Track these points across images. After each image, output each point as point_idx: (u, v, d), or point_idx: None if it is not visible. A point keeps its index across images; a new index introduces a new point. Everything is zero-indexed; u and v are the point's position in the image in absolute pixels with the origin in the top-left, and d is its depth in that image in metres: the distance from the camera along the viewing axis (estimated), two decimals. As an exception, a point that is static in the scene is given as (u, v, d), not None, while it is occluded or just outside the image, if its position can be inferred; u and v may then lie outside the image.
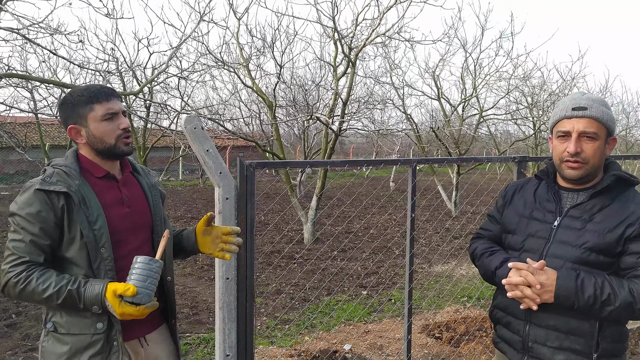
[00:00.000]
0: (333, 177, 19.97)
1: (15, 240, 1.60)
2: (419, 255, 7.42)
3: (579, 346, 1.65)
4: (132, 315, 1.56)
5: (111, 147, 1.74)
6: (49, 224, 1.60)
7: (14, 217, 1.62)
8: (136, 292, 1.55)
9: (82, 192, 1.66)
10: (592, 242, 1.63)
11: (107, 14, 4.26)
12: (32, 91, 9.41)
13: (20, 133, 17.96)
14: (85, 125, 1.72)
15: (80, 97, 1.72)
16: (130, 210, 1.78)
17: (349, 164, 2.61)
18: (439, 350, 4.07)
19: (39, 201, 1.60)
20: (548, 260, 1.68)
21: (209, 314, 4.96)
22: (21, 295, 1.58)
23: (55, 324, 1.65)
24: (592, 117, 1.65)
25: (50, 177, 1.64)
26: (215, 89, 18.85)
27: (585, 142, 1.66)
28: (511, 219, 1.85)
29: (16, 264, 1.58)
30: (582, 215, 1.69)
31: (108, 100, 1.73)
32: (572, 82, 11.69)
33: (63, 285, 1.57)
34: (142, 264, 1.59)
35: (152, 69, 6.77)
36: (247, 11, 8.78)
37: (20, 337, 4.34)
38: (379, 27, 7.58)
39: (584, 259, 1.64)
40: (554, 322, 1.68)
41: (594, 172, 1.70)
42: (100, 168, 1.76)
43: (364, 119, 11.86)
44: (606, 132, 1.68)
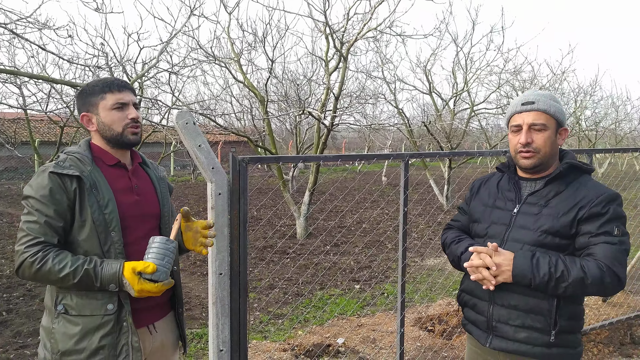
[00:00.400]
0: (325, 171, 19.98)
1: (29, 222, 1.64)
2: (411, 249, 7.45)
3: (539, 324, 1.76)
4: (150, 292, 1.63)
5: (118, 135, 1.81)
6: (62, 206, 1.66)
7: (27, 200, 1.67)
8: (156, 269, 1.62)
9: (93, 177, 1.73)
10: (547, 225, 1.76)
11: (97, 9, 4.22)
12: (21, 87, 9.30)
13: (9, 129, 17.76)
14: (96, 113, 1.81)
15: (95, 87, 1.81)
16: (139, 198, 1.85)
17: (342, 159, 2.61)
18: (431, 343, 4.10)
19: (52, 183, 1.66)
20: (509, 245, 1.81)
21: (201, 309, 4.96)
22: (37, 275, 1.62)
23: (66, 306, 1.69)
24: (539, 110, 1.79)
25: (64, 162, 1.72)
26: (207, 84, 18.83)
27: (535, 133, 1.80)
28: (477, 208, 2.00)
29: (31, 244, 1.62)
30: (538, 201, 1.82)
31: (120, 91, 1.81)
32: (562, 76, 11.76)
33: (79, 264, 1.62)
34: (159, 244, 1.66)
35: (143, 64, 6.71)
36: (238, 5, 8.74)
37: (11, 335, 4.31)
38: (370, 22, 7.58)
39: (541, 241, 1.75)
40: (515, 302, 1.79)
41: (547, 161, 1.82)
42: (112, 156, 1.84)
43: (356, 113, 11.87)
44: (555, 123, 1.80)
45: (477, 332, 1.93)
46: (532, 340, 1.78)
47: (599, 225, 1.70)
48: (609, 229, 1.70)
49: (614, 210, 1.72)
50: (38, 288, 5.56)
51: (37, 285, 5.64)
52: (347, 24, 7.67)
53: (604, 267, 1.64)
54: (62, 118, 11.16)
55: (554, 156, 1.84)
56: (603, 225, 1.70)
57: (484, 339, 1.89)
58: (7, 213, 10.93)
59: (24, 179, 18.31)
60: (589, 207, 1.72)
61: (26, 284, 5.68)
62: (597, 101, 13.72)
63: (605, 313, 4.66)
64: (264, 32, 8.24)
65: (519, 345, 1.79)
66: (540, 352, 1.77)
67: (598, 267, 1.64)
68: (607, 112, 14.67)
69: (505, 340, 1.83)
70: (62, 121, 11.03)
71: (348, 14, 7.58)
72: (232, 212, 2.19)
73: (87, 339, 1.68)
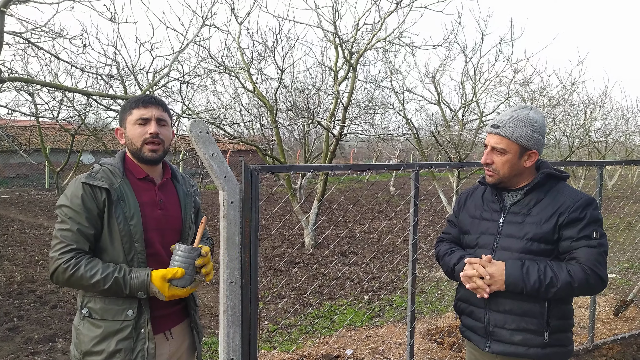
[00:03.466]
0: (333, 181, 19.98)
1: (63, 230, 1.73)
2: (420, 260, 7.41)
3: (533, 326, 1.87)
4: (179, 296, 1.75)
5: (138, 151, 1.87)
6: (93, 215, 1.76)
7: (61, 209, 1.76)
8: (184, 273, 1.71)
9: (122, 190, 1.81)
10: (532, 232, 1.87)
11: (111, 19, 4.28)
12: (34, 95, 9.42)
13: (22, 137, 17.96)
14: (124, 127, 1.90)
15: (128, 103, 1.91)
16: (162, 212, 1.91)
17: (353, 168, 2.62)
18: (440, 355, 4.06)
19: (84, 193, 1.76)
20: (498, 253, 1.92)
21: (210, 318, 4.96)
22: (69, 280, 1.71)
23: (90, 310, 1.78)
24: (501, 135, 1.92)
25: (97, 173, 1.81)
26: (216, 93, 18.95)
27: (496, 155, 1.94)
28: (465, 220, 2.11)
29: (65, 251, 1.71)
30: (521, 211, 1.94)
31: (145, 106, 1.88)
32: (572, 87, 11.72)
33: (110, 272, 1.70)
34: (184, 252, 1.74)
35: (154, 73, 6.78)
36: (248, 16, 8.82)
37: (22, 341, 4.33)
38: (379, 32, 7.61)
39: (528, 248, 1.87)
40: (509, 307, 1.90)
41: (509, 180, 1.96)
42: (141, 170, 1.91)
43: (365, 123, 11.88)
44: (518, 148, 1.91)
45: (475, 338, 2.01)
46: (527, 342, 1.88)
47: (578, 230, 1.83)
48: (588, 232, 1.82)
49: (590, 214, 1.84)
50: (48, 295, 5.59)
51: (48, 292, 5.67)
52: (357, 35, 7.71)
53: (587, 270, 1.78)
54: (73, 126, 11.28)
55: (519, 175, 1.95)
56: (582, 230, 1.82)
57: (483, 344, 1.98)
58: (19, 220, 11.03)
59: (35, 186, 18.48)
60: (568, 213, 1.84)
61: (37, 291, 5.72)
62: (607, 113, 13.64)
63: (617, 327, 4.60)
64: (274, 42, 8.30)
65: (516, 347, 1.89)
66: (535, 353, 1.87)
67: (582, 271, 1.78)
68: (617, 124, 14.57)
69: (502, 344, 1.92)
70: (74, 129, 11.15)
71: (357, 25, 7.63)
72: (243, 221, 2.19)
73: (105, 342, 1.75)
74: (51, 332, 4.53)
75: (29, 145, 15.00)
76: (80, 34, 7.38)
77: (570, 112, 12.66)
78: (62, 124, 11.27)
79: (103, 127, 12.13)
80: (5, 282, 6.06)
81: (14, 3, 4.18)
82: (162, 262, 1.85)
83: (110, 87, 6.91)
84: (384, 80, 11.44)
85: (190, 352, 2.05)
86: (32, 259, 7.31)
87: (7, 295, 5.57)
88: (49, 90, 8.75)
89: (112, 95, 5.64)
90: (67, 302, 5.36)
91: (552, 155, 15.41)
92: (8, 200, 14.36)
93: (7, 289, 5.78)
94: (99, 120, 12.87)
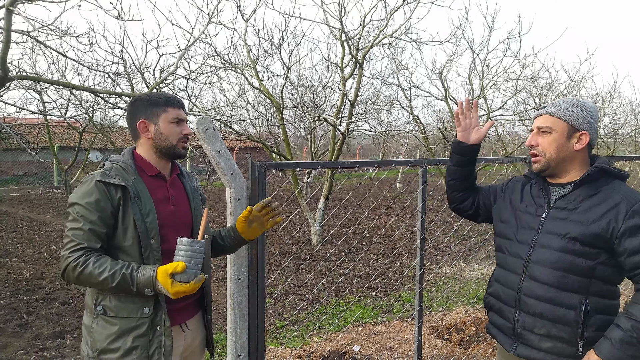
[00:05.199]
0: (339, 178, 19.96)
1: (74, 229, 1.73)
2: (428, 257, 7.39)
3: (565, 334, 1.70)
4: (185, 292, 1.68)
5: (172, 147, 1.91)
6: (107, 213, 1.75)
7: (73, 207, 1.75)
8: (185, 267, 1.67)
9: (136, 187, 1.81)
10: (575, 232, 1.70)
11: (118, 16, 4.29)
12: (41, 93, 9.48)
13: (30, 134, 18.09)
14: (155, 122, 1.89)
15: (158, 99, 1.91)
16: (175, 208, 1.92)
17: (360, 165, 2.61)
18: (448, 352, 4.05)
19: (98, 191, 1.75)
20: (536, 250, 1.77)
21: (217, 314, 4.97)
22: (79, 278, 1.71)
23: (104, 307, 1.77)
24: (547, 114, 1.79)
25: (110, 171, 1.79)
26: (223, 91, 18.96)
27: (541, 136, 1.80)
28: (505, 208, 1.96)
29: (75, 249, 1.71)
30: (566, 206, 1.76)
31: (180, 107, 1.94)
32: (580, 82, 11.62)
33: (117, 269, 1.70)
34: (185, 245, 1.71)
35: (161, 70, 6.79)
36: (254, 13, 8.81)
37: (32, 337, 4.37)
38: (386, 28, 7.57)
39: (569, 248, 1.70)
40: (540, 310, 1.74)
41: (557, 165, 1.79)
42: (153, 167, 1.92)
43: (371, 120, 11.86)
44: (566, 127, 1.76)
45: (501, 338, 1.90)
46: (557, 351, 1.72)
47: None
48: None
49: None
50: (57, 292, 5.63)
51: (56, 289, 5.71)
52: (363, 31, 7.68)
53: None
54: (81, 123, 11.34)
55: (568, 161, 1.79)
56: None
57: (508, 345, 1.86)
58: (27, 217, 11.12)
59: (43, 184, 18.62)
60: (627, 218, 1.64)
61: (45, 287, 5.76)
62: (616, 108, 13.52)
63: None
64: (280, 39, 8.28)
65: (544, 355, 1.75)
66: None
67: None
68: (626, 119, 14.44)
69: (530, 349, 1.78)
70: (81, 127, 11.22)
71: (364, 21, 7.59)
72: (250, 218, 2.19)
73: (121, 339, 1.75)
74: (60, 329, 4.56)
75: (37, 143, 15.12)
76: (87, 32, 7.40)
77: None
78: (70, 122, 11.34)
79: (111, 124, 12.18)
80: (14, 278, 6.11)
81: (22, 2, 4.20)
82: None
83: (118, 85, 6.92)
84: (390, 76, 11.43)
85: (202, 346, 2.05)
86: (40, 256, 7.36)
87: (17, 291, 5.62)
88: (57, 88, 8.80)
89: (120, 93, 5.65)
90: (76, 299, 5.40)
91: (560, 151, 15.27)
92: (17, 197, 14.47)
93: (16, 285, 5.83)
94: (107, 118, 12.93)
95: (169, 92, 8.41)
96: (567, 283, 1.70)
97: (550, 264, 1.73)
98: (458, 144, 2.03)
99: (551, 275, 1.72)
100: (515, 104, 12.46)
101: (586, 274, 1.68)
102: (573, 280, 1.69)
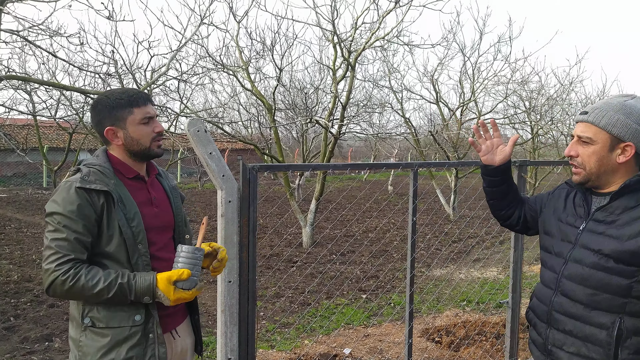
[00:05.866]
0: (331, 180, 19.98)
1: (58, 239, 1.63)
2: (419, 260, 7.41)
3: (597, 355, 1.59)
4: (185, 300, 1.67)
5: (145, 149, 1.82)
6: (91, 221, 1.67)
7: (53, 217, 1.66)
8: (191, 274, 1.64)
9: (119, 191, 1.73)
10: (610, 248, 1.58)
11: (109, 17, 4.26)
12: (31, 93, 9.40)
13: (19, 135, 17.92)
14: (123, 127, 1.79)
15: (120, 100, 1.78)
16: (158, 210, 1.87)
17: (351, 167, 2.61)
18: (439, 354, 4.06)
19: (80, 199, 1.66)
20: (570, 265, 1.67)
21: (207, 317, 4.95)
22: (69, 292, 1.62)
23: (92, 319, 1.69)
24: (588, 122, 1.63)
25: (88, 176, 1.70)
26: (215, 92, 18.92)
27: (581, 146, 1.65)
28: (549, 218, 1.84)
29: (62, 262, 1.62)
30: (605, 219, 1.64)
31: (145, 104, 1.81)
32: (570, 86, 11.73)
33: (112, 279, 1.63)
34: (187, 253, 1.68)
35: (152, 71, 6.76)
36: (246, 14, 8.80)
37: (19, 340, 4.32)
38: (378, 31, 7.61)
39: (601, 265, 1.58)
40: (570, 327, 1.65)
41: (598, 179, 1.66)
42: (131, 169, 1.83)
43: (363, 122, 11.89)
44: (608, 138, 1.60)
45: (536, 353, 1.81)
46: None
47: None
48: None
49: None
50: (45, 294, 5.57)
51: (44, 292, 5.65)
52: (355, 33, 7.70)
53: None
54: (71, 124, 11.25)
55: (610, 174, 1.65)
56: None
57: None
58: (15, 219, 11.00)
59: (32, 185, 18.44)
60: None
61: (33, 290, 5.70)
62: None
63: None
64: (272, 41, 8.30)
65: None
66: None
67: None
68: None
69: None
70: (71, 127, 11.12)
71: (356, 23, 7.62)
72: (241, 220, 2.18)
73: (115, 351, 1.68)
74: (48, 332, 4.51)
75: (27, 143, 14.97)
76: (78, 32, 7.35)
77: (569, 112, 12.66)
78: (59, 123, 11.24)
79: (101, 125, 12.07)
80: (2, 281, 6.04)
81: (11, 1, 4.17)
82: (163, 262, 1.81)
83: (108, 85, 6.88)
84: (382, 79, 11.47)
85: (192, 351, 2.02)
86: (29, 258, 7.28)
87: (4, 294, 5.55)
88: (47, 88, 8.72)
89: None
90: (64, 302, 5.34)
91: (550, 154, 15.44)
92: (5, 199, 14.32)
93: (3, 288, 5.76)
94: (97, 118, 12.81)
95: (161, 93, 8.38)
96: (598, 301, 1.59)
97: (581, 281, 1.63)
98: (485, 167, 1.90)
99: (582, 292, 1.63)
100: (506, 107, 12.56)
101: (621, 292, 1.56)
102: (605, 299, 1.58)
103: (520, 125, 13.11)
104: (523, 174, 3.17)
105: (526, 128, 13.38)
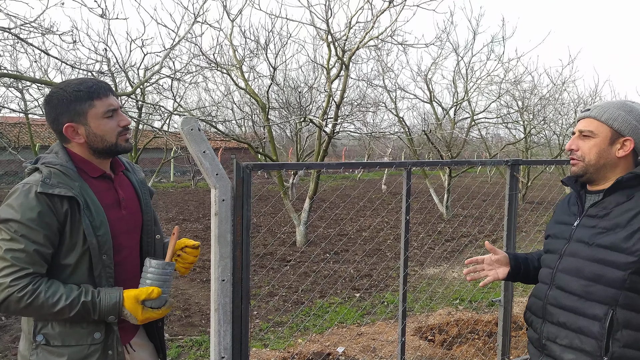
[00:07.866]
0: (324, 179, 19.98)
1: (14, 250, 1.43)
2: (412, 258, 7.44)
3: (589, 347, 1.60)
4: (154, 318, 1.57)
5: (112, 145, 1.63)
6: (52, 230, 1.47)
7: (8, 224, 1.44)
8: (161, 292, 1.52)
9: (84, 195, 1.54)
10: (602, 239, 1.62)
11: (102, 15, 4.24)
12: (23, 91, 9.33)
13: (11, 133, 17.78)
14: (84, 123, 1.58)
15: (77, 93, 1.56)
16: (126, 212, 1.71)
17: (345, 166, 2.61)
18: (431, 352, 4.08)
19: (41, 205, 1.45)
20: (565, 259, 1.72)
21: (201, 316, 4.94)
22: (26, 310, 1.45)
23: (46, 337, 1.52)
24: (590, 117, 1.71)
25: (50, 179, 1.49)
26: (208, 91, 18.86)
27: (582, 141, 1.71)
28: (550, 225, 1.90)
29: (18, 276, 1.43)
30: (597, 214, 1.68)
31: (107, 95, 1.62)
32: (563, 86, 11.81)
33: (75, 297, 1.47)
34: (156, 269, 1.56)
35: (145, 69, 6.73)
36: (240, 13, 8.79)
37: (10, 340, 4.29)
38: (372, 30, 7.61)
39: (597, 257, 1.61)
40: (564, 319, 1.67)
41: (596, 171, 1.70)
42: (96, 167, 1.65)
43: (357, 121, 11.90)
44: (609, 131, 1.67)
45: (532, 351, 1.83)
46: None
47: None
48: None
49: None
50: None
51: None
52: (349, 33, 7.70)
53: None
54: (63, 123, 11.17)
55: (609, 168, 1.69)
56: None
57: (536, 358, 1.79)
58: (7, 217, 10.91)
59: (23, 183, 18.30)
60: None
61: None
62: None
63: None
64: (266, 40, 8.29)
65: None
66: None
67: None
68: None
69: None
70: (64, 126, 11.04)
71: (350, 23, 7.62)
72: (235, 218, 2.18)
73: None
74: (40, 331, 4.49)
75: (18, 142, 14.85)
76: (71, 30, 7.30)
77: (561, 111, 12.76)
78: (51, 121, 11.17)
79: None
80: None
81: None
82: (130, 272, 1.67)
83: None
84: (376, 78, 11.48)
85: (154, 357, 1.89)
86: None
87: (-4, 293, 5.52)
88: (39, 86, 8.65)
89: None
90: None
91: (543, 153, 15.52)
92: (-3, 197, 14.22)
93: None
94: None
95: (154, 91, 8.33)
96: (592, 292, 1.61)
97: (576, 272, 1.67)
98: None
99: (576, 283, 1.65)
100: (499, 107, 12.64)
101: (615, 284, 1.58)
102: (599, 290, 1.60)
103: (513, 125, 13.20)
104: (515, 173, 3.19)
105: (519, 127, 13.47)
